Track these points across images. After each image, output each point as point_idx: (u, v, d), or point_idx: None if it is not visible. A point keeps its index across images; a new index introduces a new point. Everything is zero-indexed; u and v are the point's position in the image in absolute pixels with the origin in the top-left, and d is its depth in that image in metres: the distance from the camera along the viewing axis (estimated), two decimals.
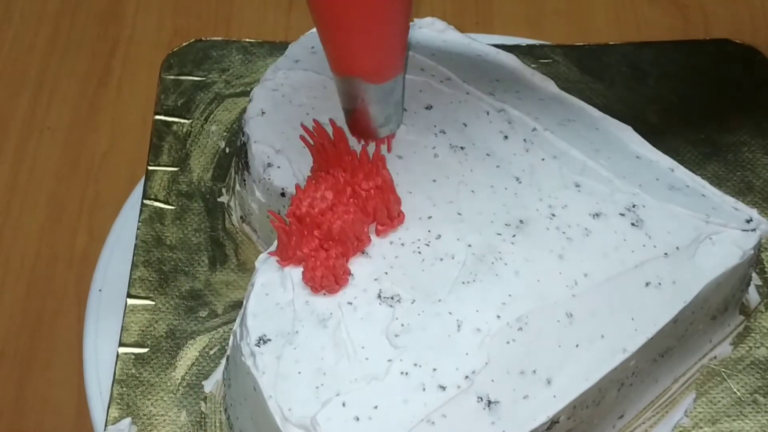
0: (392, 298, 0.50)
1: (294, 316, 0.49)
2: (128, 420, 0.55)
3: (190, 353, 0.57)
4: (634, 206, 0.54)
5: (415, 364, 0.48)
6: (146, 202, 0.63)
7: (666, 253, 0.53)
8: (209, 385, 0.56)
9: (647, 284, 0.52)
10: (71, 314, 0.67)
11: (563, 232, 0.53)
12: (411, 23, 0.65)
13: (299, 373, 0.48)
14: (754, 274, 0.59)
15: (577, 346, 0.50)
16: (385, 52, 0.50)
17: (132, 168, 0.74)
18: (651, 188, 0.55)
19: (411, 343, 0.48)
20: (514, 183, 0.55)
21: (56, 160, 0.76)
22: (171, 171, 0.65)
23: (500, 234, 0.53)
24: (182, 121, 0.67)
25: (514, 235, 0.53)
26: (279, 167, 0.57)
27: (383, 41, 0.49)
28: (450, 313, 0.50)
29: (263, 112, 0.60)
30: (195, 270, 0.61)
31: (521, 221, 0.53)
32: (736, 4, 0.85)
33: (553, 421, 0.48)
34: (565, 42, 0.74)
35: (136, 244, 0.61)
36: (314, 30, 0.55)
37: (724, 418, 0.55)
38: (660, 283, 0.52)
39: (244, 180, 0.60)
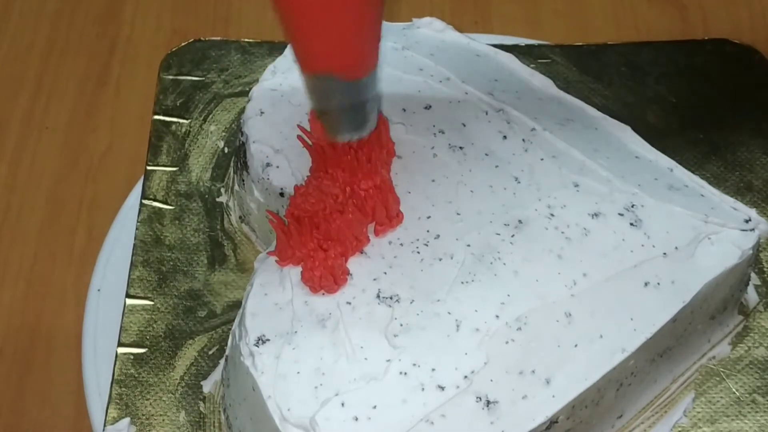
0: (391, 297, 0.50)
1: (293, 316, 0.49)
2: (127, 420, 0.54)
3: (188, 353, 0.57)
4: (633, 206, 0.54)
5: (414, 364, 0.48)
6: (145, 202, 0.63)
7: (665, 253, 0.53)
8: (208, 385, 0.56)
9: (646, 284, 0.52)
10: (70, 314, 0.67)
11: (562, 232, 0.53)
12: (409, 23, 0.65)
13: (298, 373, 0.48)
14: (752, 274, 0.59)
15: (576, 345, 0.50)
16: (361, 42, 0.45)
17: (131, 168, 0.74)
18: (650, 188, 0.55)
19: (410, 343, 0.48)
20: (513, 183, 0.55)
21: (55, 160, 0.76)
22: (170, 171, 0.65)
23: (499, 234, 0.53)
24: (181, 121, 0.67)
25: (513, 235, 0.53)
26: (278, 167, 0.57)
27: (358, 30, 0.44)
28: (449, 313, 0.49)
29: (262, 112, 0.60)
30: (194, 270, 0.61)
31: (520, 221, 0.53)
32: (734, 4, 0.85)
33: (552, 421, 0.48)
34: (564, 42, 0.74)
35: (134, 244, 0.61)
36: None
37: (722, 418, 0.55)
38: (659, 283, 0.52)
39: (243, 180, 0.60)
